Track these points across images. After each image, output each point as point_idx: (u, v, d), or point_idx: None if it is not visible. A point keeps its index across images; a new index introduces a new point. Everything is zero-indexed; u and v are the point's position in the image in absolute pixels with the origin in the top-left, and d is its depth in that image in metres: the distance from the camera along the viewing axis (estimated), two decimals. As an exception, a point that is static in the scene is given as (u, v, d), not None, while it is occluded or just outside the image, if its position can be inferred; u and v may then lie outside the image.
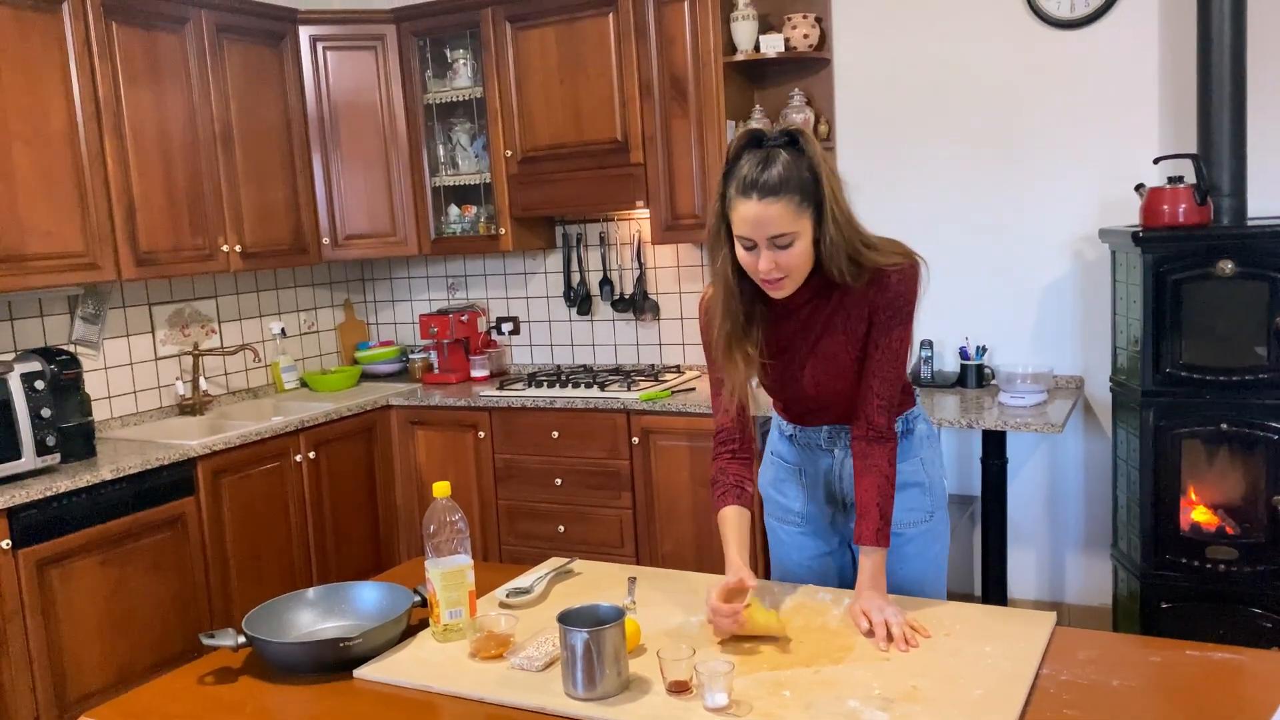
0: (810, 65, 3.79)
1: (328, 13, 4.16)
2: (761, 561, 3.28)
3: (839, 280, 1.82)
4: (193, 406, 3.91)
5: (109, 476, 3.06)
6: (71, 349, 3.53)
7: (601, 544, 3.80)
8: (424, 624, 1.90)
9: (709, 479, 2.04)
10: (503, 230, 4.11)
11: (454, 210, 4.32)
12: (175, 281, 3.93)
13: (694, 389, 3.80)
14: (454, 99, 4.20)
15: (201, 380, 3.96)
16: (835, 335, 1.90)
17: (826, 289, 1.87)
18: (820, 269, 1.82)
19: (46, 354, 3.19)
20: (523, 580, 2.10)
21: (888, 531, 1.88)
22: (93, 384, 3.61)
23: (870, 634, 1.75)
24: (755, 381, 1.99)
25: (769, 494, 2.19)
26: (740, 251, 1.78)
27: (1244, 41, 2.99)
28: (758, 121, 3.76)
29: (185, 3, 3.60)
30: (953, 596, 2.10)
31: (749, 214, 1.73)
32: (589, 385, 3.92)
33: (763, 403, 2.15)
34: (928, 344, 3.69)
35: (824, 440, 2.07)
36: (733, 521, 1.95)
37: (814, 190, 1.73)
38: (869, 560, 1.87)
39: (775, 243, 1.74)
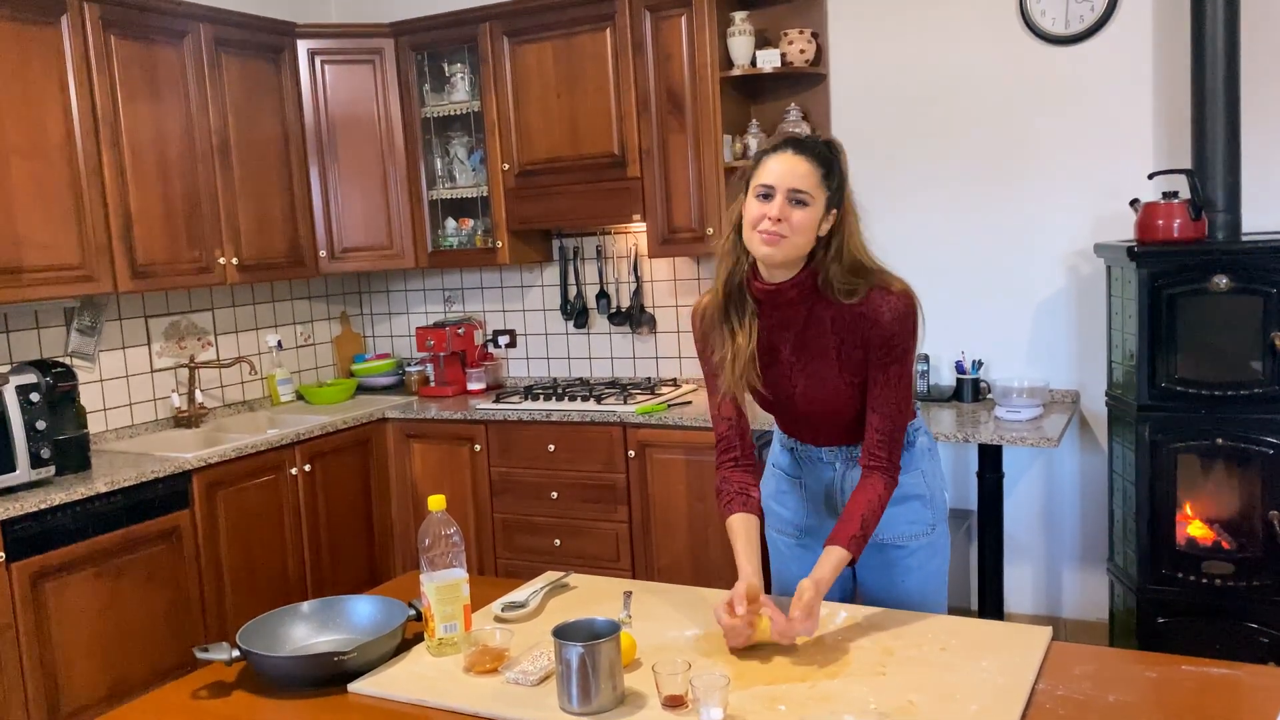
0: (806, 80, 3.81)
1: (326, 26, 4.18)
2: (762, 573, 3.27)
3: (825, 287, 1.86)
4: (188, 419, 3.90)
5: (104, 489, 3.06)
6: (67, 361, 3.53)
7: (598, 558, 3.79)
8: (419, 638, 1.89)
9: (714, 490, 2.05)
10: (500, 243, 4.12)
11: (451, 223, 4.32)
12: (172, 294, 3.93)
13: (690, 402, 3.80)
14: (451, 113, 4.21)
15: (197, 393, 3.96)
16: (829, 360, 1.92)
17: (818, 302, 1.88)
18: (814, 276, 1.86)
19: (42, 366, 3.19)
20: (518, 594, 2.10)
21: (862, 546, 1.88)
22: (88, 396, 3.60)
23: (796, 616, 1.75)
24: (748, 378, 1.99)
25: (769, 506, 2.19)
26: (752, 203, 1.84)
27: (1238, 57, 3.01)
28: (753, 136, 3.78)
29: (183, 16, 3.62)
30: (949, 610, 2.10)
31: (780, 163, 1.83)
32: (585, 398, 3.92)
33: (762, 415, 2.15)
34: (923, 358, 3.69)
35: (825, 454, 2.08)
36: (740, 529, 1.96)
37: (837, 184, 1.85)
38: (833, 559, 1.83)
39: (793, 196, 1.80)
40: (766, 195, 1.82)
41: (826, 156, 1.85)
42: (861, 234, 1.89)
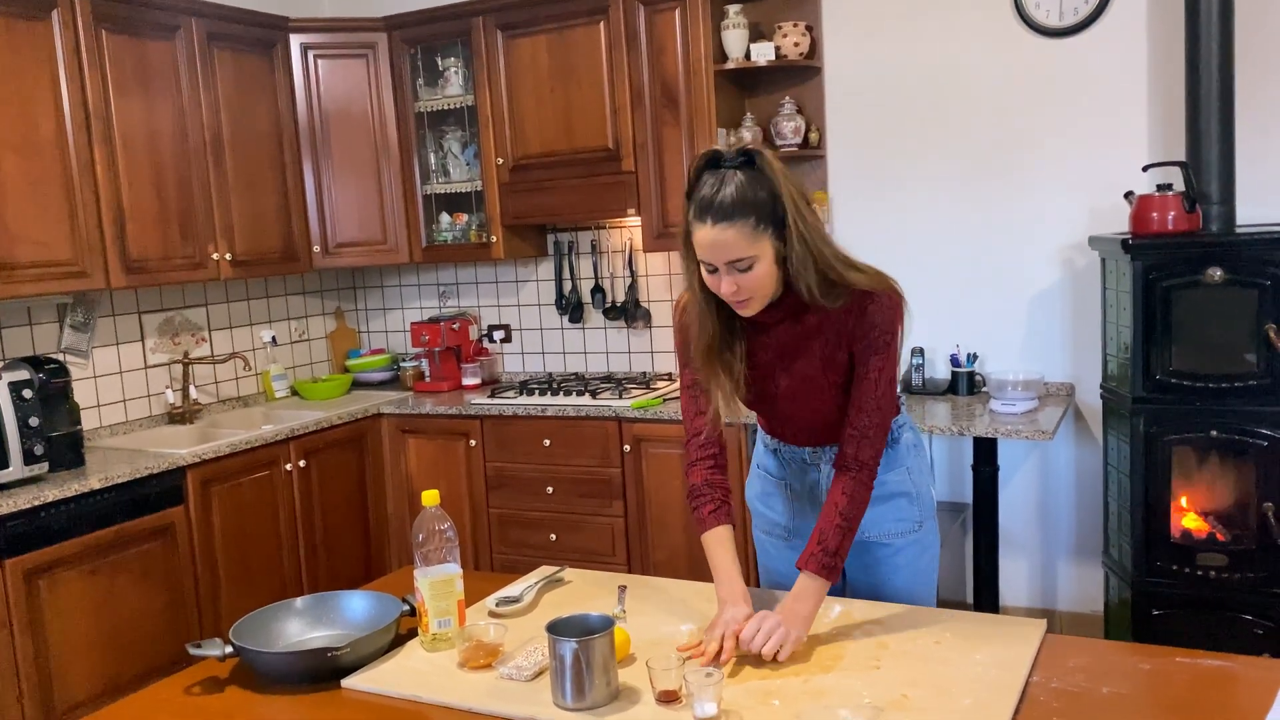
0: (801, 73, 3.80)
1: (319, 21, 4.16)
2: (752, 572, 3.28)
3: (809, 299, 1.78)
4: (182, 415, 3.89)
5: (97, 486, 3.05)
6: (60, 357, 3.52)
7: (593, 552, 3.79)
8: (413, 633, 1.89)
9: (689, 490, 1.99)
10: (494, 238, 4.11)
11: (445, 218, 4.31)
12: (165, 290, 3.92)
13: (685, 397, 3.80)
14: (445, 107, 4.20)
15: (191, 389, 3.95)
16: (812, 360, 1.88)
17: (802, 309, 1.84)
18: (796, 294, 1.80)
19: (35, 362, 3.18)
20: (512, 589, 2.10)
21: (829, 564, 1.81)
22: (81, 392, 3.59)
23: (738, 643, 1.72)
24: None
25: (756, 508, 2.18)
26: (704, 272, 1.77)
27: (1232, 49, 3.01)
28: (748, 129, 3.77)
29: (176, 10, 3.60)
30: (944, 604, 2.10)
31: (705, 239, 1.71)
32: (581, 393, 3.91)
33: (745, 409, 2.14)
34: (919, 351, 3.70)
35: (808, 456, 2.05)
36: (727, 541, 1.91)
37: (772, 210, 1.70)
38: (802, 584, 1.80)
39: (734, 266, 1.71)
40: (711, 270, 1.74)
41: (747, 198, 1.68)
42: (821, 228, 1.78)
